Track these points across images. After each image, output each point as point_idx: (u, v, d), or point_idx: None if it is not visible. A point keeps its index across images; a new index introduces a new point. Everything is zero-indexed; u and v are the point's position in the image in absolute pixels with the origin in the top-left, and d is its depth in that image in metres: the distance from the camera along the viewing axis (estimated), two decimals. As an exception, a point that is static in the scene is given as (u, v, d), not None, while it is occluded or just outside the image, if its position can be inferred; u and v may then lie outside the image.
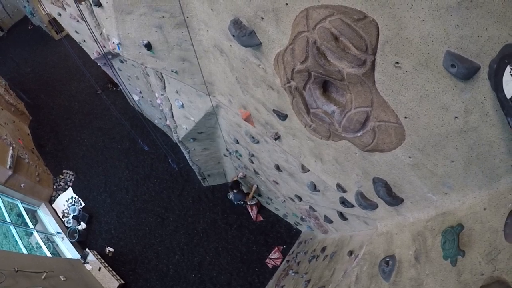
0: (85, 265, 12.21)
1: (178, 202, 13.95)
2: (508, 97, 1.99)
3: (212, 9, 4.38)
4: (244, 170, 10.53)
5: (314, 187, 5.98)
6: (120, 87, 13.49)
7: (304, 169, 5.65)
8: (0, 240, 11.29)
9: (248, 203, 12.22)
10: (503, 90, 2.00)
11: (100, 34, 7.46)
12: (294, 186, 7.08)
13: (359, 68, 2.83)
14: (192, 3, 4.82)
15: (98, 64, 12.62)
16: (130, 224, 13.75)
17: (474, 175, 2.76)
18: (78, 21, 8.68)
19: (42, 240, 12.62)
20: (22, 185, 13.24)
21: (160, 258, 12.89)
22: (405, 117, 2.86)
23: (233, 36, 4.11)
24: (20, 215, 12.87)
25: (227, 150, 9.82)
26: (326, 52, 3.00)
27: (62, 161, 16.06)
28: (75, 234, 13.25)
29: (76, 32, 10.12)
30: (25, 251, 11.31)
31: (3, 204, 12.24)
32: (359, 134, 3.48)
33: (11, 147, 13.45)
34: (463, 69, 2.16)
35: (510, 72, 1.91)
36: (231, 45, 4.62)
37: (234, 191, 11.25)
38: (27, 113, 18.46)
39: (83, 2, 6.85)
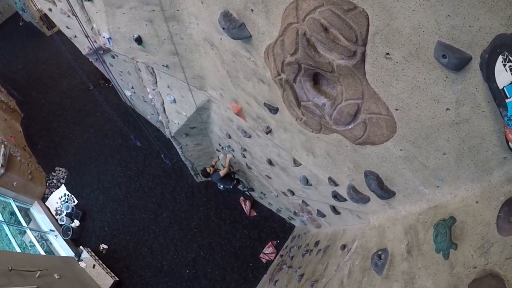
0: (79, 262, 12.16)
1: (171, 198, 13.90)
2: (500, 87, 1.97)
3: (202, 2, 4.34)
4: (237, 165, 10.46)
5: (306, 181, 5.96)
6: (112, 82, 13.40)
7: (296, 163, 5.63)
8: (-7, 239, 11.24)
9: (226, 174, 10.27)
10: (495, 81, 1.98)
11: (91, 29, 7.37)
12: (286, 181, 7.06)
13: (349, 59, 2.79)
14: (182, -4, 4.78)
15: (90, 59, 12.53)
16: (124, 221, 13.70)
17: (466, 167, 2.74)
18: (68, 16, 8.59)
19: (36, 238, 12.55)
20: (14, 183, 13.15)
21: (154, 254, 12.86)
22: (396, 109, 2.83)
23: (223, 29, 4.08)
24: (13, 213, 12.78)
25: (220, 145, 9.77)
26: (316, 44, 2.96)
27: (55, 159, 15.96)
28: (69, 232, 13.18)
29: (67, 27, 10.03)
30: (18, 250, 11.25)
31: (-4, 202, 12.18)
32: (350, 126, 3.45)
33: (2, 145, 13.35)
34: (454, 60, 2.13)
35: (502, 62, 1.89)
36: (221, 38, 4.58)
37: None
38: (19, 110, 18.32)
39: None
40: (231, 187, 11.21)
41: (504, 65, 1.89)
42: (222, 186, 11.42)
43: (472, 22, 1.95)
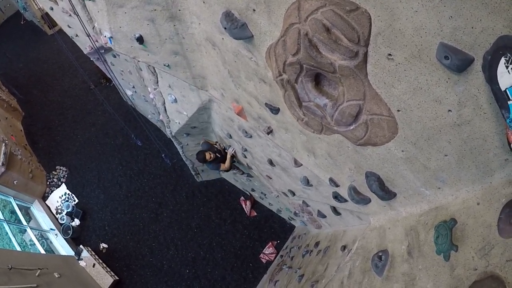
0: (79, 261, 12.16)
1: (171, 198, 13.91)
2: (503, 89, 1.95)
3: (204, 1, 4.33)
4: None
5: (307, 182, 5.95)
6: (113, 82, 13.39)
7: (297, 163, 5.62)
8: (-7, 237, 11.24)
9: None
10: (498, 82, 1.97)
11: (92, 28, 7.37)
12: (287, 181, 7.05)
13: (351, 60, 2.78)
14: (184, -5, 4.77)
15: (91, 59, 12.54)
16: (124, 220, 13.71)
17: (468, 169, 2.73)
18: (70, 15, 8.58)
19: (36, 237, 12.55)
20: (15, 182, 13.15)
21: (154, 253, 12.87)
22: (398, 110, 2.82)
23: (225, 28, 4.06)
24: (13, 212, 12.78)
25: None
26: (318, 44, 2.95)
27: (55, 157, 15.98)
28: (69, 231, 13.18)
29: (69, 26, 10.02)
30: (18, 248, 11.25)
31: (-4, 201, 12.17)
32: (351, 127, 3.44)
33: (3, 144, 13.35)
34: (456, 61, 2.12)
35: (504, 63, 1.88)
36: (223, 38, 4.57)
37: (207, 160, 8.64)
38: (20, 109, 18.32)
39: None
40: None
41: (507, 67, 1.88)
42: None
43: (474, 23, 1.94)
